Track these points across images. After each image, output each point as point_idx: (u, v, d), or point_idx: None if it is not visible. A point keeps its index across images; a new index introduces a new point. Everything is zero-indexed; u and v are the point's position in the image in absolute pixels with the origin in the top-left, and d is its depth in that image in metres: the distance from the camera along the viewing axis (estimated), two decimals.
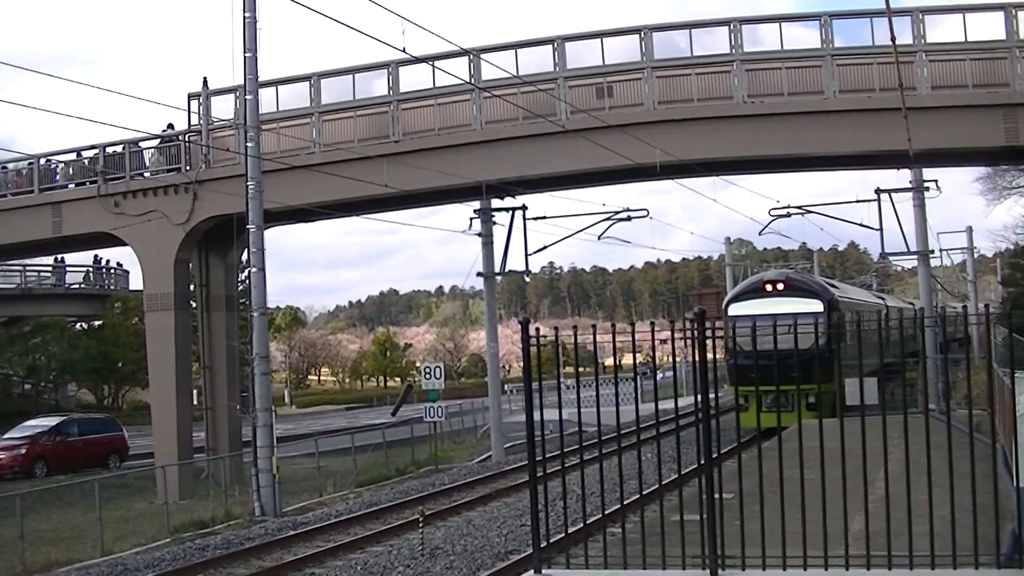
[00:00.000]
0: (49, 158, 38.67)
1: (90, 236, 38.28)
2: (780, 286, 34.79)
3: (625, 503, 13.99)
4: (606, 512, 13.87)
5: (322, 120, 33.29)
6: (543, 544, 9.81)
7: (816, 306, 32.53)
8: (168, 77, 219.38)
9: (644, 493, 13.88)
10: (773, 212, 40.61)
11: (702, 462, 9.27)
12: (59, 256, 60.84)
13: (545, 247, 45.89)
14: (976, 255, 69.99)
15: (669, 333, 10.51)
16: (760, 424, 16.74)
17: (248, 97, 28.25)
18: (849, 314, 34.07)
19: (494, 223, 38.37)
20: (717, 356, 12.70)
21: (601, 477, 11.51)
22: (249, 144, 28.03)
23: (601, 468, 11.25)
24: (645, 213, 38.78)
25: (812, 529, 8.60)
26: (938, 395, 28.02)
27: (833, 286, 38.22)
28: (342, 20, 20.47)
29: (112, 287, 70.01)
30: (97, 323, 72.81)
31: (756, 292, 35.05)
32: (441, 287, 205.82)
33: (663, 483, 13.06)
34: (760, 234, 44.05)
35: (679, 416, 10.43)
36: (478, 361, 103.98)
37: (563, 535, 10.65)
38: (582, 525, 11.34)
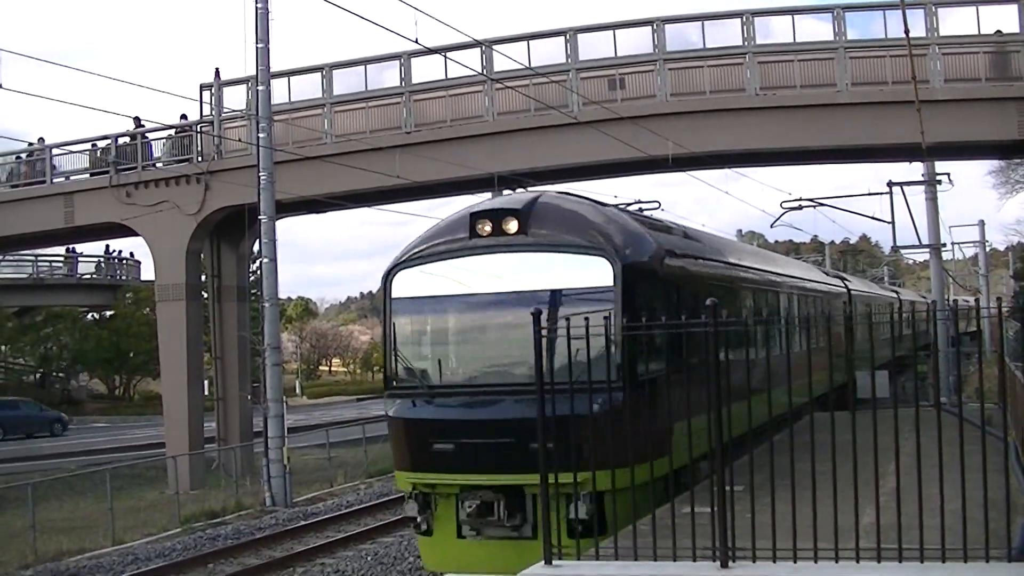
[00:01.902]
0: (56, 147, 38.74)
1: (102, 226, 38.34)
2: (512, 225, 14.16)
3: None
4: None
5: (334, 111, 33.30)
6: None
7: (597, 272, 13.77)
8: (179, 69, 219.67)
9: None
10: (785, 204, 40.41)
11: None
12: (71, 246, 60.98)
13: None
14: (988, 249, 69.78)
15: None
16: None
17: (260, 88, 28.31)
18: (699, 290, 15.73)
19: None
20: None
21: (612, 469, 11.50)
22: (261, 135, 28.09)
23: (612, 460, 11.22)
24: (657, 205, 38.28)
25: (823, 522, 8.59)
26: (949, 389, 27.97)
27: (653, 227, 16.43)
28: (355, 11, 20.50)
29: (124, 277, 70.17)
30: (109, 313, 73.08)
31: (456, 242, 14.66)
32: None
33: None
34: (772, 227, 42.92)
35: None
36: None
37: None
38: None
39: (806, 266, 35.06)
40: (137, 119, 36.32)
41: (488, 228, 14.35)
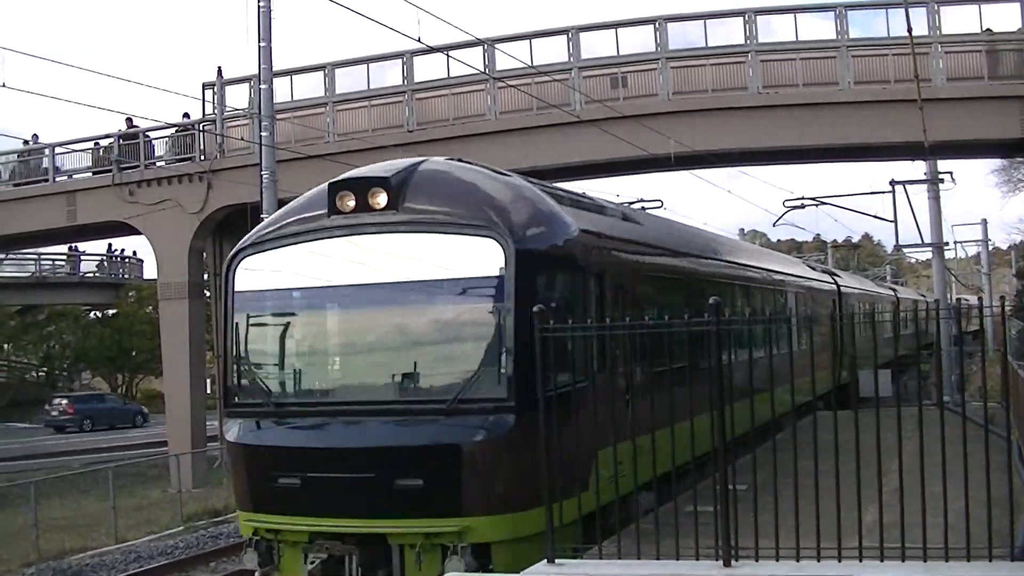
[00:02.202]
0: (58, 145, 38.74)
1: (104, 225, 38.34)
2: (381, 199, 11.38)
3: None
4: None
5: (336, 110, 33.29)
6: None
7: (485, 258, 10.74)
8: (182, 68, 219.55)
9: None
10: (787, 203, 40.37)
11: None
12: (73, 245, 61.02)
13: None
14: (991, 247, 69.77)
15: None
16: None
17: (262, 87, 28.26)
18: (638, 284, 13.75)
19: None
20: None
21: (615, 468, 11.49)
22: (263, 133, 28.05)
23: (615, 459, 11.21)
24: (659, 204, 38.31)
25: (826, 521, 8.58)
26: (952, 388, 27.94)
27: (577, 205, 13.66)
28: (357, 10, 20.51)
29: (126, 276, 70.21)
30: (111, 312, 73.03)
31: (312, 221, 12.01)
32: None
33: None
34: (774, 225, 42.91)
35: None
36: None
37: None
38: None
39: (789, 260, 32.06)
40: (129, 119, 36.27)
41: (352, 203, 11.57)
